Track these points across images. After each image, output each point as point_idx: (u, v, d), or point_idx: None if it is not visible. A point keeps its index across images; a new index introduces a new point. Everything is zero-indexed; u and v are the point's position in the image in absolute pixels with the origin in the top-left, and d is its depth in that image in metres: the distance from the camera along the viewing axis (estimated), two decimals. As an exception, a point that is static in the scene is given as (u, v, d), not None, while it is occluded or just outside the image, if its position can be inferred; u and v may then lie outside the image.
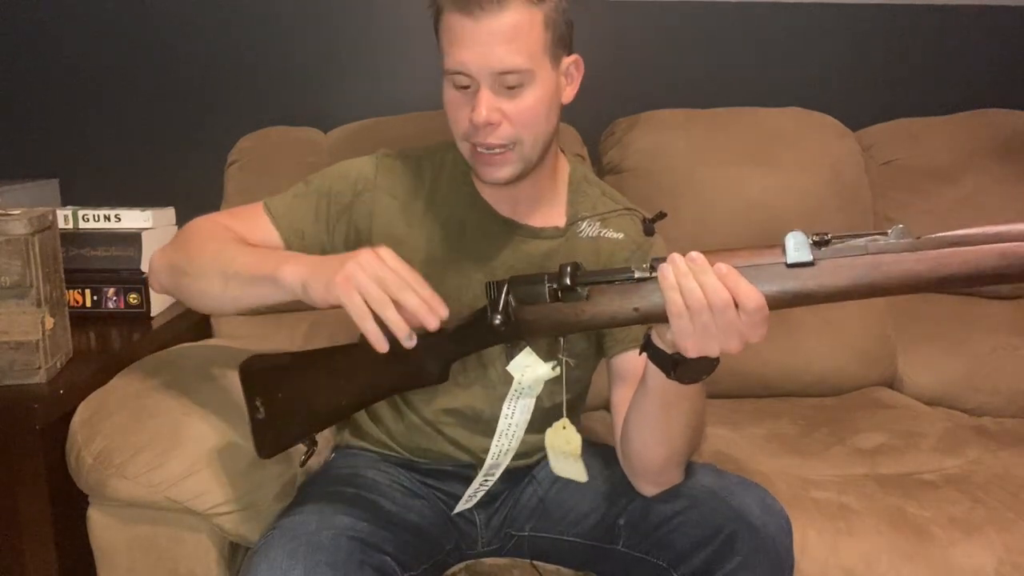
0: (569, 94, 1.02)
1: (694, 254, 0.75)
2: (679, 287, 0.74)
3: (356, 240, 1.05)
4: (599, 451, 1.10)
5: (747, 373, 1.61)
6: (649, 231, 1.02)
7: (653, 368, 0.84)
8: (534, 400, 0.90)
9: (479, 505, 1.07)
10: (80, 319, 1.38)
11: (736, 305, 0.73)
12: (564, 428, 0.95)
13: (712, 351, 0.75)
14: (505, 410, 0.90)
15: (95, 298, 1.49)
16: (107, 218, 1.54)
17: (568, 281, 0.81)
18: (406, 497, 1.05)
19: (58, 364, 1.20)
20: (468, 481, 1.03)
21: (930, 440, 1.43)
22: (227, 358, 1.16)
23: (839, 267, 0.72)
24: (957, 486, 1.26)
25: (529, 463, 1.10)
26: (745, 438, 1.42)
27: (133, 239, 1.50)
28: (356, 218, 1.06)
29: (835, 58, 1.93)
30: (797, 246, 0.73)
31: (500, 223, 1.06)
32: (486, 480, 0.98)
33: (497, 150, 0.96)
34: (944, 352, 1.67)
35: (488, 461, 0.94)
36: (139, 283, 1.50)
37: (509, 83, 0.92)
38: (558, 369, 0.87)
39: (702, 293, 0.73)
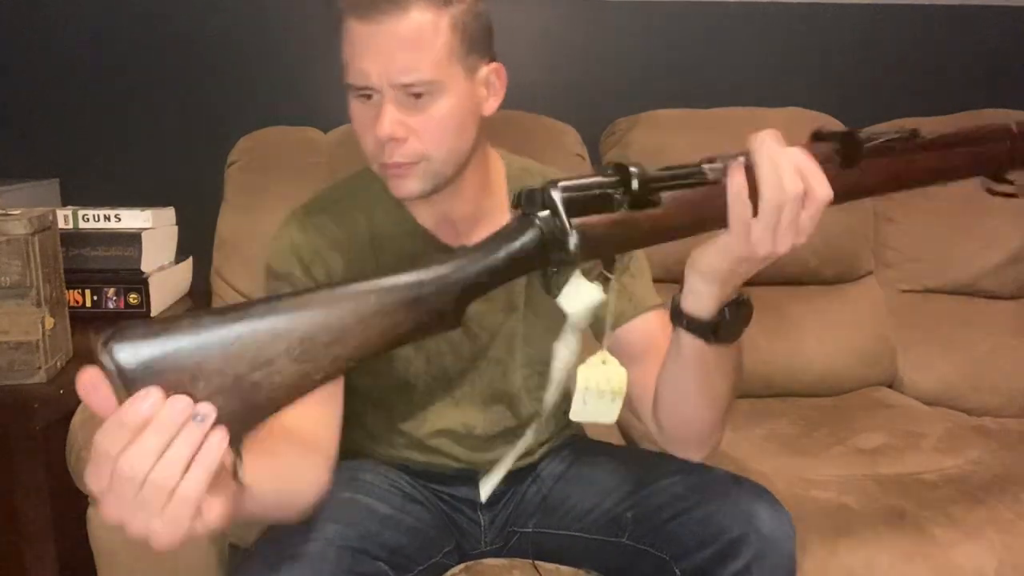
0: (491, 105, 0.92)
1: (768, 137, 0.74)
2: (764, 174, 0.70)
3: None
4: (598, 447, 1.09)
5: (747, 373, 1.58)
6: None
7: (689, 338, 0.81)
8: (580, 334, 0.75)
9: (485, 505, 1.06)
10: (80, 319, 1.38)
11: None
12: (604, 363, 0.79)
13: (769, 248, 0.70)
14: (560, 350, 0.74)
15: (95, 298, 1.49)
16: (107, 218, 1.54)
17: (636, 186, 0.69)
18: (404, 500, 1.03)
19: (58, 364, 1.20)
20: (472, 482, 1.02)
21: (930, 440, 1.43)
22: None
23: (879, 167, 0.77)
24: (957, 486, 1.26)
25: (532, 461, 1.09)
26: (745, 438, 1.42)
27: (133, 239, 1.50)
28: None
29: (835, 58, 1.93)
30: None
31: (447, 250, 0.95)
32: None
33: (403, 165, 0.87)
34: (944, 352, 1.67)
35: (555, 377, 0.76)
36: (139, 283, 1.50)
37: (415, 92, 0.84)
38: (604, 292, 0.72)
39: (782, 181, 0.70)
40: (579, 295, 0.71)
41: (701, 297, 0.78)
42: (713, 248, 0.74)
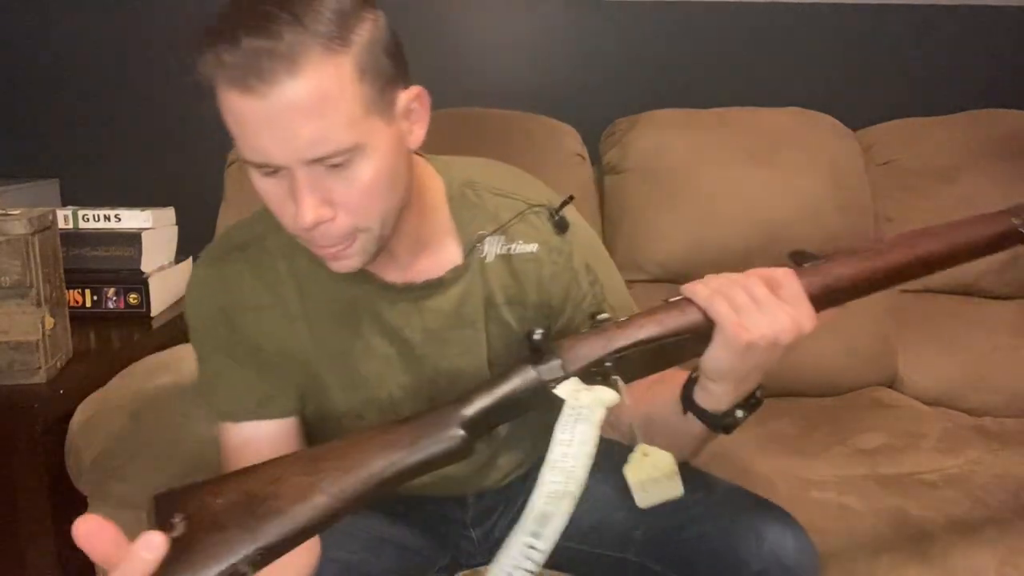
0: (418, 136, 0.77)
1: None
2: (703, 282, 0.72)
3: (274, 367, 0.87)
4: (603, 452, 1.07)
5: (747, 373, 1.61)
6: (562, 227, 0.88)
7: (695, 421, 0.79)
8: (597, 430, 0.70)
9: (475, 523, 1.02)
10: (80, 319, 1.38)
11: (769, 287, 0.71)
12: (646, 455, 0.77)
13: (760, 328, 0.70)
14: (559, 436, 0.68)
15: (95, 298, 1.49)
16: (107, 218, 1.54)
17: (597, 319, 0.73)
18: (395, 517, 0.99)
19: (58, 364, 1.20)
20: (463, 501, 0.98)
21: (930, 440, 1.43)
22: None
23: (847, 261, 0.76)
24: (957, 486, 1.26)
25: (521, 474, 1.04)
26: (745, 438, 1.42)
27: (133, 239, 1.50)
28: (252, 349, 0.86)
29: (835, 58, 1.93)
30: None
31: (391, 290, 0.86)
32: (532, 545, 0.69)
33: (339, 244, 0.75)
34: (944, 352, 1.67)
35: (536, 505, 0.67)
36: (139, 283, 1.50)
37: (332, 163, 0.69)
38: (617, 396, 0.72)
39: (723, 278, 0.71)
40: (579, 390, 0.71)
41: (714, 396, 0.77)
42: (711, 347, 0.73)
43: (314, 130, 0.66)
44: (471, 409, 0.69)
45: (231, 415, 0.87)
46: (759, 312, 0.70)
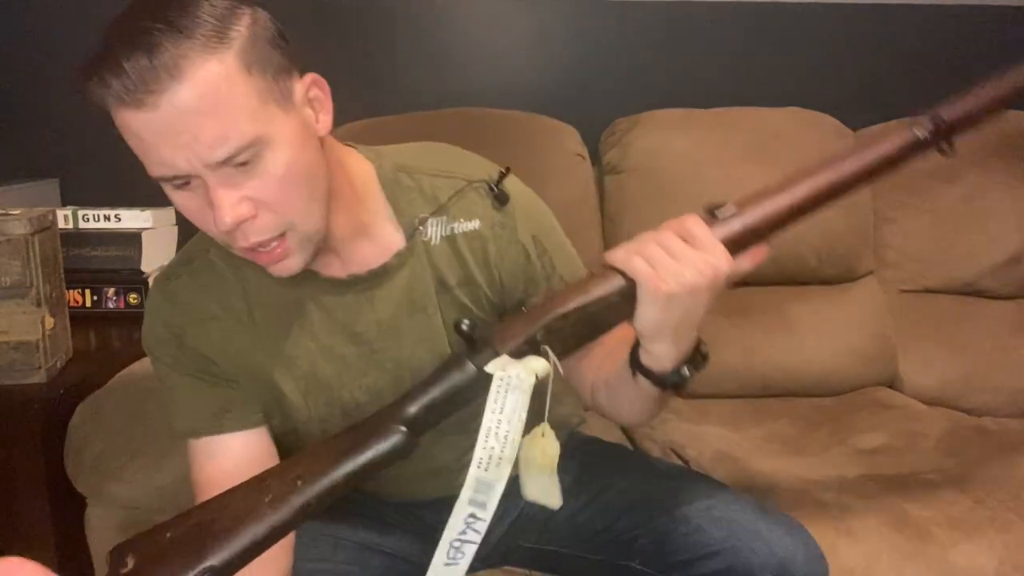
0: (325, 122, 0.76)
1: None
2: (620, 247, 0.74)
3: (229, 379, 0.88)
4: (608, 453, 1.05)
5: (747, 373, 1.61)
6: (502, 200, 0.87)
7: (646, 383, 0.80)
8: (528, 396, 0.71)
9: None
10: (80, 319, 1.39)
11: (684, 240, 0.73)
12: (543, 435, 0.76)
13: (677, 278, 0.72)
14: (491, 405, 0.70)
15: (95, 298, 1.50)
16: (107, 218, 1.54)
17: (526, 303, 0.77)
18: (385, 526, 0.98)
19: (58, 364, 1.20)
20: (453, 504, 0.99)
21: (930, 440, 1.43)
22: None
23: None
24: (957, 486, 1.26)
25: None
26: (745, 438, 1.42)
27: (133, 239, 1.51)
28: (203, 363, 0.86)
29: (835, 58, 1.93)
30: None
31: (340, 286, 0.85)
32: (473, 514, 0.71)
33: (272, 244, 0.74)
34: (944, 352, 1.67)
35: (473, 473, 0.70)
36: (139, 283, 1.50)
37: (239, 161, 0.68)
38: (548, 364, 0.73)
39: (638, 240, 0.74)
40: (506, 362, 0.72)
41: (655, 356, 0.77)
42: (638, 306, 0.74)
43: (213, 129, 0.66)
44: (413, 406, 0.73)
45: (192, 431, 0.87)
46: (675, 263, 0.72)
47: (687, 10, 1.89)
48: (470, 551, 0.71)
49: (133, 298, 1.50)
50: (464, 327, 0.73)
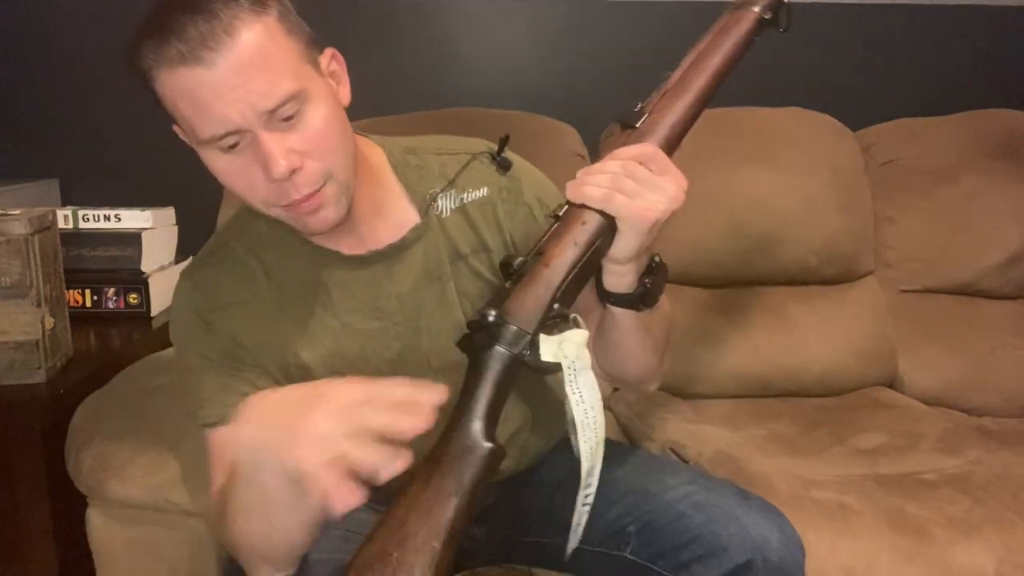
0: (344, 93, 0.84)
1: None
2: (588, 184, 0.78)
3: (254, 364, 0.90)
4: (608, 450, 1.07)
5: (747, 373, 1.61)
6: (505, 165, 0.94)
7: (619, 311, 0.85)
8: (592, 372, 0.76)
9: (478, 521, 1.01)
10: (80, 319, 1.39)
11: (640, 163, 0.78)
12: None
13: (658, 205, 0.77)
14: (572, 397, 0.75)
15: (95, 298, 1.50)
16: (107, 218, 1.54)
17: (514, 266, 0.79)
18: None
19: (58, 364, 1.20)
20: None
21: (930, 440, 1.43)
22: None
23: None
24: (957, 486, 1.26)
25: (532, 464, 1.06)
26: (745, 438, 1.42)
27: (133, 239, 1.51)
28: (231, 347, 0.89)
29: (835, 58, 1.93)
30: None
31: (359, 263, 0.90)
32: (587, 495, 0.81)
33: (313, 190, 0.79)
34: (944, 352, 1.67)
35: (584, 466, 0.77)
36: (139, 283, 1.50)
37: (285, 115, 0.75)
38: (584, 330, 0.77)
39: (603, 174, 0.77)
40: (560, 342, 0.75)
41: (619, 275, 0.82)
42: (619, 239, 0.79)
43: (263, 82, 0.73)
44: (476, 415, 0.73)
45: (220, 418, 0.87)
46: (651, 192, 0.77)
47: (687, 10, 1.89)
48: (584, 520, 0.83)
49: (133, 298, 1.50)
50: (476, 319, 0.76)
